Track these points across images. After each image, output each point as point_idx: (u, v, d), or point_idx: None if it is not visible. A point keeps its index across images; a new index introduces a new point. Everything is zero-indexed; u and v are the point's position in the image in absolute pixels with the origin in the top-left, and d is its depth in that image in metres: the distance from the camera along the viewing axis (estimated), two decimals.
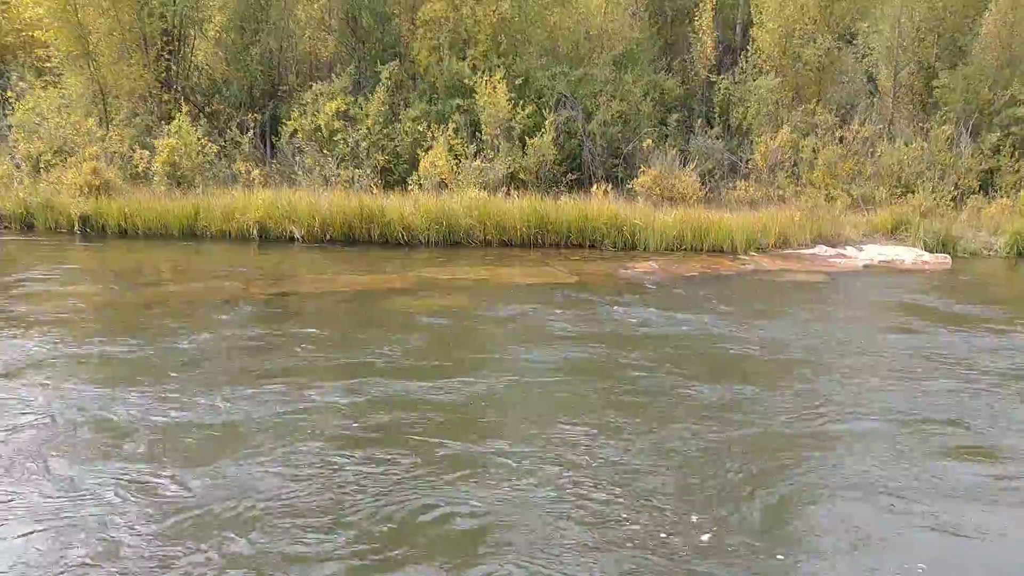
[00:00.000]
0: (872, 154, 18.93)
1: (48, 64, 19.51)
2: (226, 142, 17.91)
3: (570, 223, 14.75)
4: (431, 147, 17.38)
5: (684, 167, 17.92)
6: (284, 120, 18.79)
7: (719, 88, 21.14)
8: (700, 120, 20.67)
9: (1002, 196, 17.67)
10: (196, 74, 20.87)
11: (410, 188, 16.79)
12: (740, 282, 12.24)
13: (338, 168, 17.32)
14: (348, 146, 17.99)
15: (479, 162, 17.13)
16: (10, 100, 17.86)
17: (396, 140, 18.36)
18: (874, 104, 21.26)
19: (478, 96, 18.31)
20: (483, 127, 18.30)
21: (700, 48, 22.31)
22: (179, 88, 19.64)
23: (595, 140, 19.26)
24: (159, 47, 19.02)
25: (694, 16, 22.59)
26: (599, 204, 15.36)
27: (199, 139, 16.86)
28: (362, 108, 18.47)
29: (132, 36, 18.69)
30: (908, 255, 14.52)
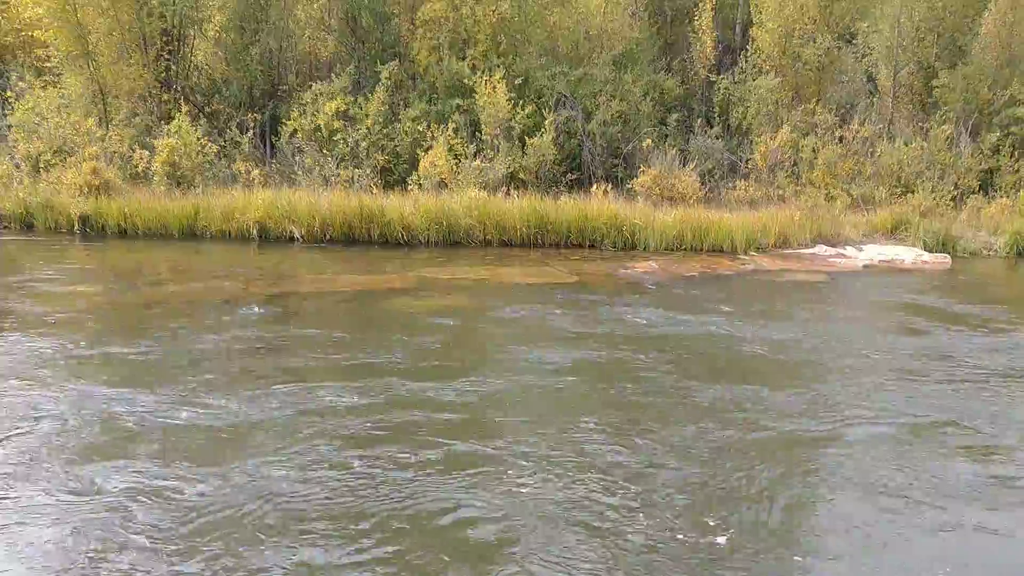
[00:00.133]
0: (872, 154, 18.94)
1: (48, 64, 19.51)
2: (226, 142, 17.91)
3: (570, 223, 14.77)
4: (431, 147, 17.39)
5: (684, 167, 17.92)
6: (284, 120, 18.79)
7: (719, 88, 21.16)
8: (700, 120, 20.67)
9: (1002, 196, 17.70)
10: (196, 74, 20.87)
11: (410, 188, 16.80)
12: (740, 282, 12.24)
13: (338, 168, 17.32)
14: (348, 146, 17.99)
15: (479, 162, 17.14)
16: (10, 100, 17.86)
17: (396, 140, 18.36)
18: (874, 104, 21.28)
19: (478, 96, 18.31)
20: (483, 127, 18.31)
21: (700, 48, 22.33)
22: (179, 88, 19.64)
23: (595, 140, 19.26)
24: (159, 47, 19.03)
25: (694, 16, 22.62)
26: (599, 204, 15.37)
27: (199, 139, 16.86)
28: (362, 108, 18.47)
29: (132, 36, 18.69)
30: (908, 255, 14.53)
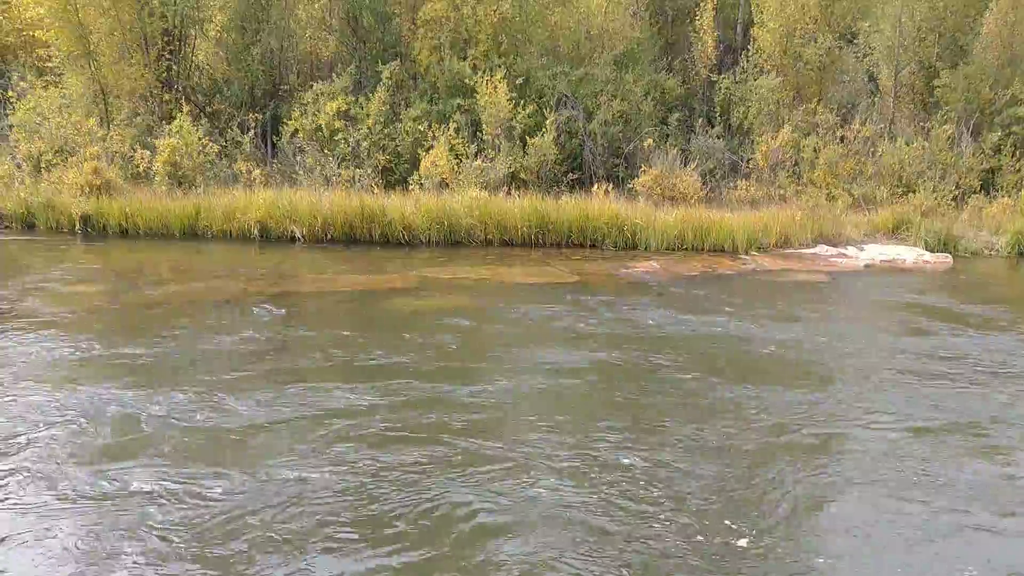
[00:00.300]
0: (873, 153, 18.93)
1: (49, 64, 19.53)
2: (227, 142, 17.92)
3: (571, 223, 14.77)
4: (432, 147, 17.39)
5: (685, 167, 17.92)
6: (285, 120, 18.80)
7: (720, 88, 21.16)
8: (701, 120, 20.68)
9: (1003, 195, 17.69)
10: (197, 74, 20.89)
11: (411, 188, 16.81)
12: (741, 282, 12.23)
13: (339, 168, 17.33)
14: (349, 146, 18.00)
15: (480, 162, 17.14)
16: (11, 100, 17.88)
17: (397, 140, 18.37)
18: (875, 103, 21.27)
19: (479, 96, 18.32)
20: (484, 127, 18.31)
21: (701, 48, 22.34)
22: (180, 88, 19.65)
23: (596, 140, 19.25)
24: (160, 47, 19.05)
25: (695, 16, 22.63)
26: (600, 204, 15.37)
27: (200, 139, 16.87)
28: (363, 108, 18.48)
29: (133, 36, 18.70)
30: (909, 255, 14.51)
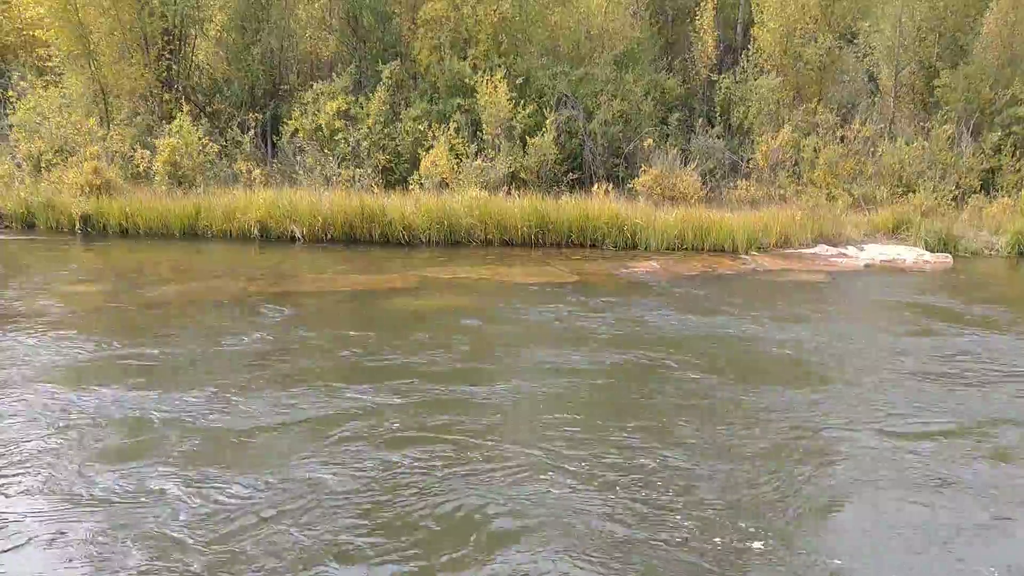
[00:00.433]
0: (873, 153, 18.93)
1: (49, 64, 19.54)
2: (227, 142, 17.93)
3: (571, 223, 14.77)
4: (432, 147, 17.40)
5: (685, 166, 17.92)
6: (285, 119, 18.80)
7: (720, 87, 21.15)
8: (701, 119, 20.68)
9: (1003, 195, 17.68)
10: (197, 74, 20.89)
11: (411, 188, 16.81)
12: (742, 282, 12.22)
13: (339, 167, 17.33)
14: (349, 145, 18.01)
15: (480, 161, 17.14)
16: (11, 99, 17.87)
17: (397, 140, 18.37)
18: (875, 103, 21.26)
19: (479, 95, 18.32)
20: (484, 126, 18.31)
21: (701, 47, 22.33)
22: (180, 88, 19.65)
23: (596, 139, 19.26)
24: (160, 47, 19.05)
25: (695, 15, 22.63)
26: (600, 204, 15.37)
27: (200, 139, 16.88)
28: (363, 107, 18.49)
29: (133, 36, 18.71)
30: (909, 255, 14.51)
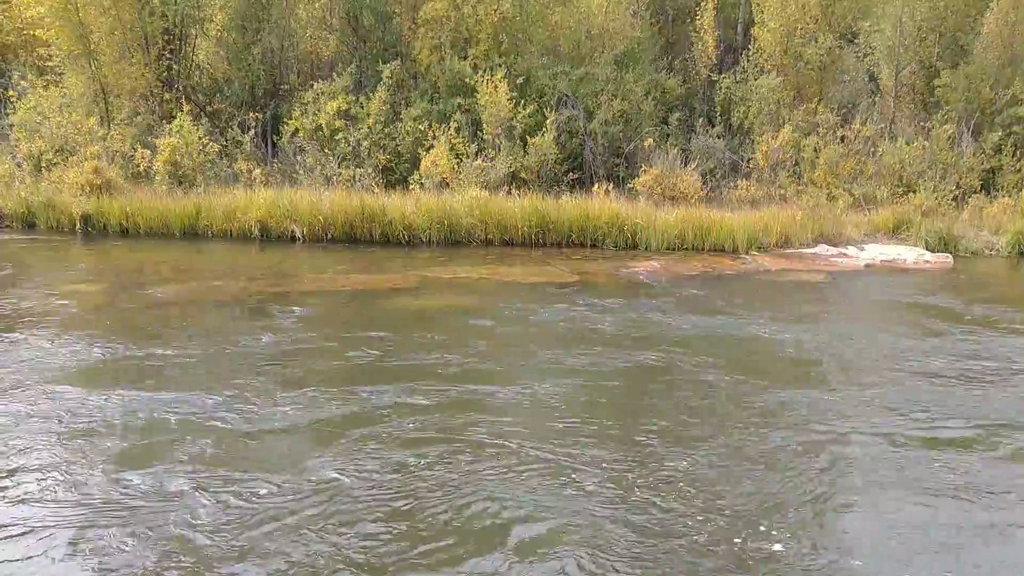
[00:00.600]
0: (873, 153, 18.93)
1: (49, 63, 19.54)
2: (227, 141, 17.93)
3: (571, 222, 14.77)
4: (432, 146, 17.40)
5: (685, 166, 17.92)
6: (285, 119, 18.80)
7: (720, 87, 21.15)
8: (701, 119, 20.67)
9: (1004, 195, 17.67)
10: (197, 73, 20.90)
11: (411, 187, 16.81)
12: (743, 282, 12.21)
13: (339, 167, 17.33)
14: (349, 145, 18.01)
15: (480, 161, 17.14)
16: (12, 99, 17.88)
17: (397, 139, 18.37)
18: (875, 103, 21.26)
19: (479, 95, 18.32)
20: (484, 126, 18.31)
21: (701, 47, 22.33)
22: (180, 87, 19.66)
23: (596, 139, 19.25)
24: (160, 46, 19.05)
25: (695, 15, 22.62)
26: (600, 203, 15.37)
27: (200, 138, 16.88)
28: (363, 107, 18.49)
29: (133, 35, 18.71)
30: (910, 255, 14.51)
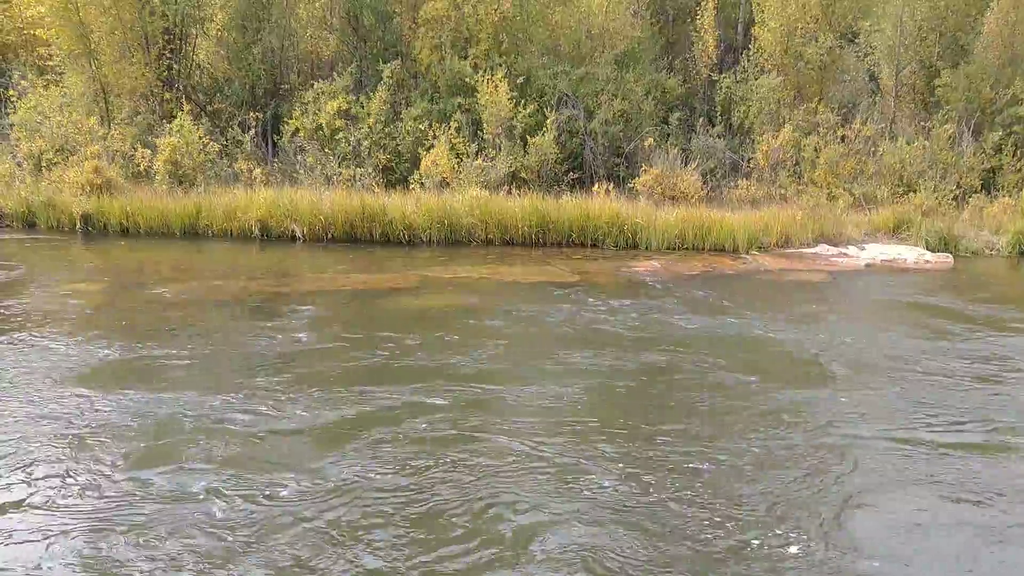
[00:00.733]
0: (874, 153, 18.92)
1: (50, 63, 19.55)
2: (228, 141, 17.93)
3: (572, 222, 14.77)
4: (433, 146, 17.39)
5: (686, 166, 17.91)
6: (286, 119, 18.79)
7: (721, 87, 21.15)
8: (702, 119, 20.66)
9: (1004, 195, 17.66)
10: (198, 73, 20.88)
11: (412, 187, 16.81)
12: (743, 281, 12.21)
13: (340, 167, 17.33)
14: (350, 145, 18.00)
15: (481, 161, 17.14)
16: (12, 99, 17.87)
17: (398, 139, 18.37)
18: (876, 103, 21.24)
19: (480, 95, 18.31)
20: (485, 126, 18.31)
21: (702, 47, 22.33)
22: (181, 87, 19.65)
23: (597, 139, 19.25)
24: (160, 46, 19.05)
25: (696, 15, 22.61)
26: (601, 203, 15.37)
27: (201, 138, 16.87)
28: (364, 107, 18.48)
29: (133, 35, 18.70)
30: (910, 254, 14.50)
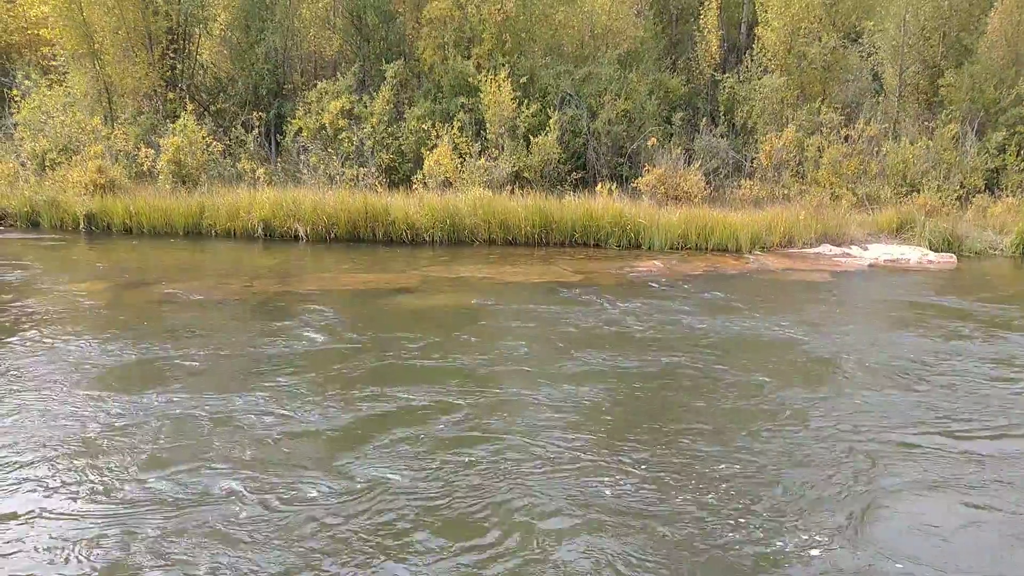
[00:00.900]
0: (877, 153, 18.91)
1: (53, 62, 19.62)
2: (231, 141, 17.96)
3: (574, 222, 14.78)
4: (436, 146, 17.42)
5: (689, 166, 17.90)
6: (289, 119, 18.83)
7: (724, 87, 21.15)
8: (705, 119, 20.65)
9: (1008, 195, 17.65)
10: (201, 72, 20.92)
11: (415, 187, 16.83)
12: (746, 281, 12.19)
13: (343, 167, 17.35)
14: (353, 145, 18.03)
15: (484, 161, 17.15)
16: (16, 98, 17.92)
17: (401, 139, 18.39)
18: (879, 103, 21.22)
19: (483, 95, 18.33)
20: (488, 126, 18.33)
21: (705, 47, 22.34)
22: (184, 86, 19.69)
23: (600, 139, 19.25)
24: (164, 45, 19.10)
25: (699, 15, 22.63)
26: (604, 203, 15.37)
27: (204, 137, 16.91)
28: (367, 107, 18.51)
29: (137, 34, 18.75)
30: (913, 254, 14.49)
